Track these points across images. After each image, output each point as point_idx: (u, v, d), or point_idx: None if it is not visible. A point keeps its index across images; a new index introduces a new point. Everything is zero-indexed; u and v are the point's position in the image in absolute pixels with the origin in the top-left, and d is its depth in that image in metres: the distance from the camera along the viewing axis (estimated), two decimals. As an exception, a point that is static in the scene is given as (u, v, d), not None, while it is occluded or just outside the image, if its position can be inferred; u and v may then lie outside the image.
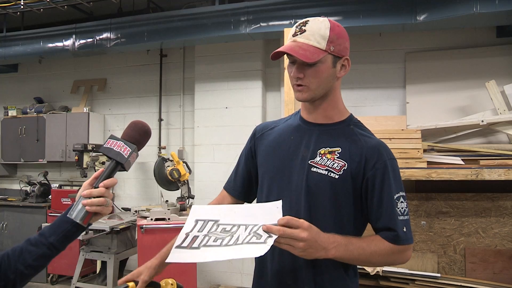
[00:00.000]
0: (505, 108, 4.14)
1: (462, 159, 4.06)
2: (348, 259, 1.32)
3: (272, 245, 1.22)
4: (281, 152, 1.49)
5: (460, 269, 4.04)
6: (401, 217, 1.34)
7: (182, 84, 5.83)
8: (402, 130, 4.22)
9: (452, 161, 4.07)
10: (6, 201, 6.07)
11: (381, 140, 1.45)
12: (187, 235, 1.25)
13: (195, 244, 1.21)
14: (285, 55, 1.40)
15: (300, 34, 1.37)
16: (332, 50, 1.37)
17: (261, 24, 4.57)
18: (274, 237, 1.17)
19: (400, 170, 4.10)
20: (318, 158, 1.41)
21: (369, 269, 3.82)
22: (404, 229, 1.33)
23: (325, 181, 1.38)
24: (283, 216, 1.22)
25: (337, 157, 1.39)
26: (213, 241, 1.21)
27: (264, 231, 1.18)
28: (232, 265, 5.14)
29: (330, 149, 1.41)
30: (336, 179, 1.37)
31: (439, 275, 3.84)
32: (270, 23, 4.52)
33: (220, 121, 5.33)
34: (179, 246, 1.23)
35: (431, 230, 4.12)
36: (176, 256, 1.21)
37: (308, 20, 1.39)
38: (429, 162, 4.05)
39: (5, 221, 5.87)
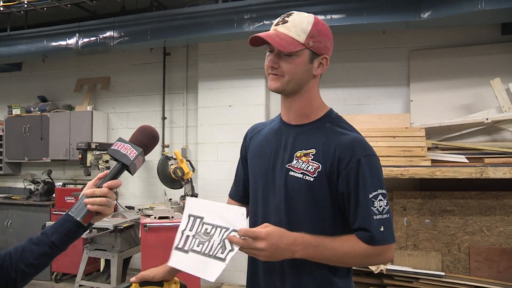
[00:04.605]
0: (510, 105, 4.11)
1: (466, 157, 4.04)
2: (318, 260, 1.31)
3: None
4: (265, 156, 1.49)
5: (465, 267, 4.03)
6: (378, 216, 1.29)
7: (186, 82, 5.83)
8: (406, 128, 4.21)
9: (457, 159, 4.05)
10: (10, 199, 6.10)
11: (359, 135, 1.39)
12: (182, 233, 1.34)
13: (186, 247, 1.31)
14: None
15: (282, 24, 1.38)
16: (311, 45, 1.35)
17: (264, 22, 4.56)
18: (236, 249, 1.24)
19: (404, 169, 4.09)
20: (294, 162, 1.40)
21: (372, 268, 3.82)
22: (381, 229, 1.28)
23: (301, 184, 1.37)
24: (248, 221, 1.29)
25: (311, 159, 1.37)
26: (197, 246, 1.30)
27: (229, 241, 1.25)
28: (235, 264, 5.12)
29: (305, 152, 1.39)
30: (311, 182, 1.35)
31: (443, 273, 3.83)
32: (273, 21, 4.50)
33: (223, 119, 5.32)
34: (177, 248, 1.33)
35: (435, 228, 4.11)
36: (176, 261, 1.32)
37: (292, 13, 1.40)
38: (433, 160, 4.04)
39: (9, 219, 5.90)
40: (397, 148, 4.05)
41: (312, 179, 1.35)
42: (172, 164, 4.59)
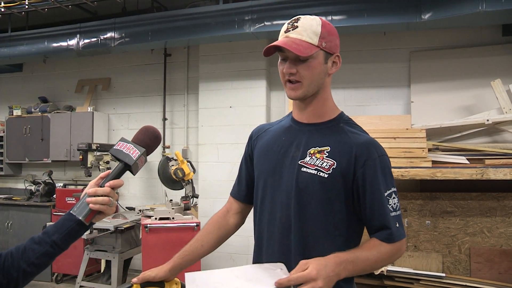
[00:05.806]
0: (511, 107, 4.11)
1: (467, 159, 4.04)
2: (355, 274, 1.31)
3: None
4: (273, 154, 1.50)
5: (465, 269, 4.02)
6: (393, 213, 1.35)
7: (186, 84, 5.83)
8: (407, 129, 4.20)
9: (457, 160, 4.05)
10: (11, 200, 6.10)
11: (371, 137, 1.44)
12: None
13: None
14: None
15: (292, 30, 1.39)
16: (324, 46, 1.38)
17: (265, 23, 4.56)
18: None
19: (405, 170, 4.10)
20: (308, 158, 1.41)
21: (373, 269, 3.81)
22: (397, 225, 1.34)
23: (314, 180, 1.38)
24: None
25: (326, 156, 1.39)
26: None
27: None
28: (236, 265, 5.14)
29: (320, 149, 1.41)
30: (325, 178, 1.37)
31: (443, 274, 3.83)
32: (274, 22, 4.51)
33: (224, 120, 5.33)
34: None
35: (435, 229, 4.10)
36: None
37: (299, 17, 1.41)
38: (434, 162, 4.03)
39: (10, 220, 5.90)
40: (398, 149, 4.05)
41: (326, 176, 1.37)
42: (172, 165, 4.59)
